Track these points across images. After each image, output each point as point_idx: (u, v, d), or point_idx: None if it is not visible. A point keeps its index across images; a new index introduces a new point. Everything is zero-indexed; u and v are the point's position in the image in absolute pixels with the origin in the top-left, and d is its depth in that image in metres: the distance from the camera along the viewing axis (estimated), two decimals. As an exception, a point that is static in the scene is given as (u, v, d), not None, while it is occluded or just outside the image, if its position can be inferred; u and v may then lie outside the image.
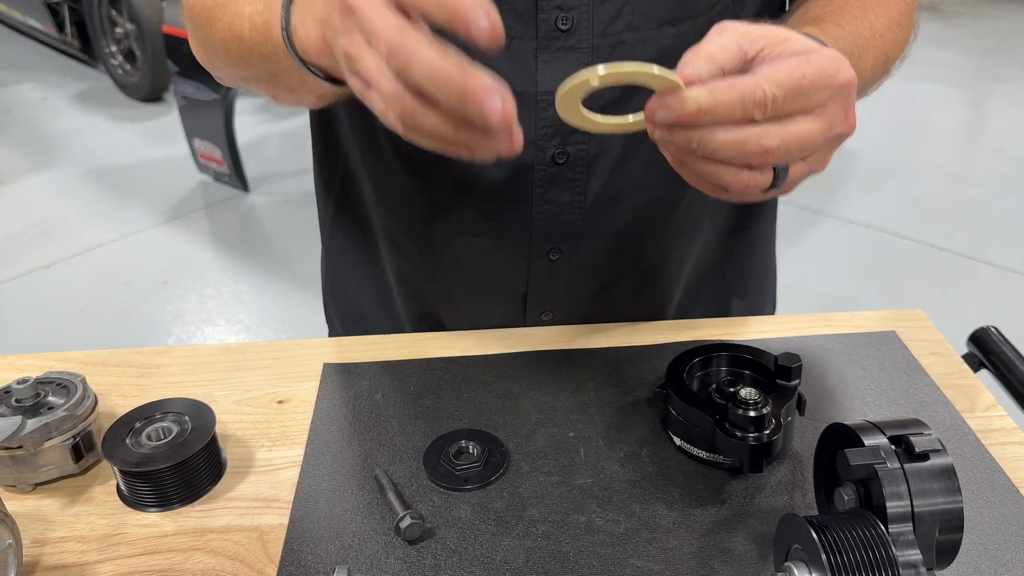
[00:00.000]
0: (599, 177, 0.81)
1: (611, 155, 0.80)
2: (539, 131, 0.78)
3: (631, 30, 0.75)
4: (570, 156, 0.79)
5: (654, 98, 0.56)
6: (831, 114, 0.57)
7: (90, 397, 0.74)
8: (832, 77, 0.56)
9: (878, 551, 0.53)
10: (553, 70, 0.75)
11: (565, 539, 0.65)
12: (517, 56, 0.75)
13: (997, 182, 3.68)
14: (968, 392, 0.79)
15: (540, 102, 0.77)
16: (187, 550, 0.65)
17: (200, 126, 3.52)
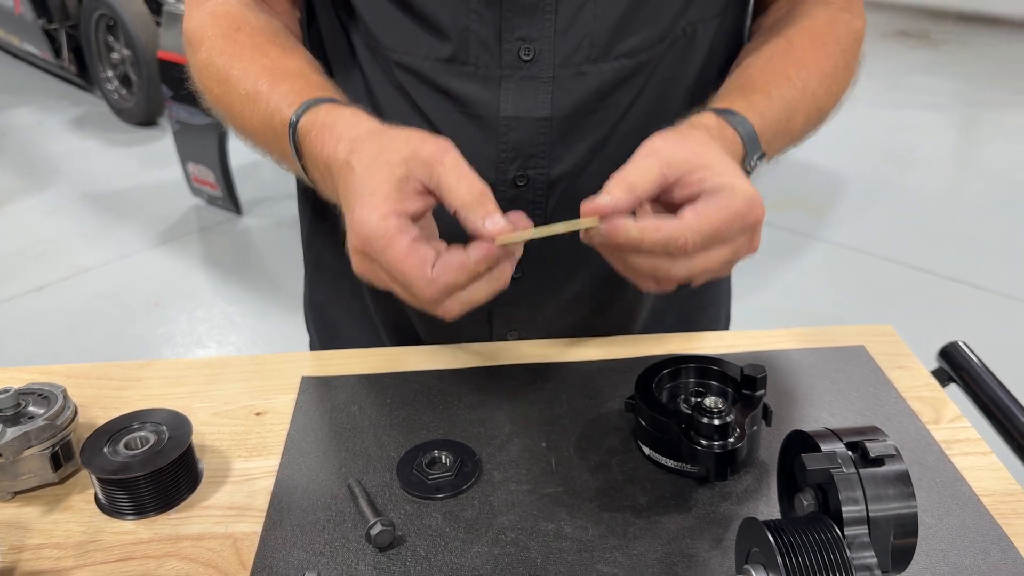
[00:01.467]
0: (557, 198, 0.83)
1: (569, 178, 0.82)
2: (500, 154, 0.80)
3: (589, 62, 0.78)
4: (530, 179, 0.82)
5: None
6: (738, 245, 0.67)
7: (70, 408, 0.75)
8: (745, 218, 0.65)
9: (833, 554, 0.54)
10: (516, 97, 0.78)
11: (533, 546, 0.66)
12: (482, 83, 0.78)
13: (986, 206, 3.71)
14: (934, 404, 0.81)
15: (502, 127, 0.79)
16: (161, 556, 0.66)
17: (194, 150, 3.55)
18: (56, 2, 4.96)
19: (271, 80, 0.74)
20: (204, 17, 0.81)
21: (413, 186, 0.62)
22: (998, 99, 4.98)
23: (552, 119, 0.79)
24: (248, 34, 0.78)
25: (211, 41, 0.79)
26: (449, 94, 0.79)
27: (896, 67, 5.54)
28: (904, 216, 3.61)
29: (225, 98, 0.78)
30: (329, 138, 0.68)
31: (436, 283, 0.61)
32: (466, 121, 0.80)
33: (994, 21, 6.63)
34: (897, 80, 5.25)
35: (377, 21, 0.79)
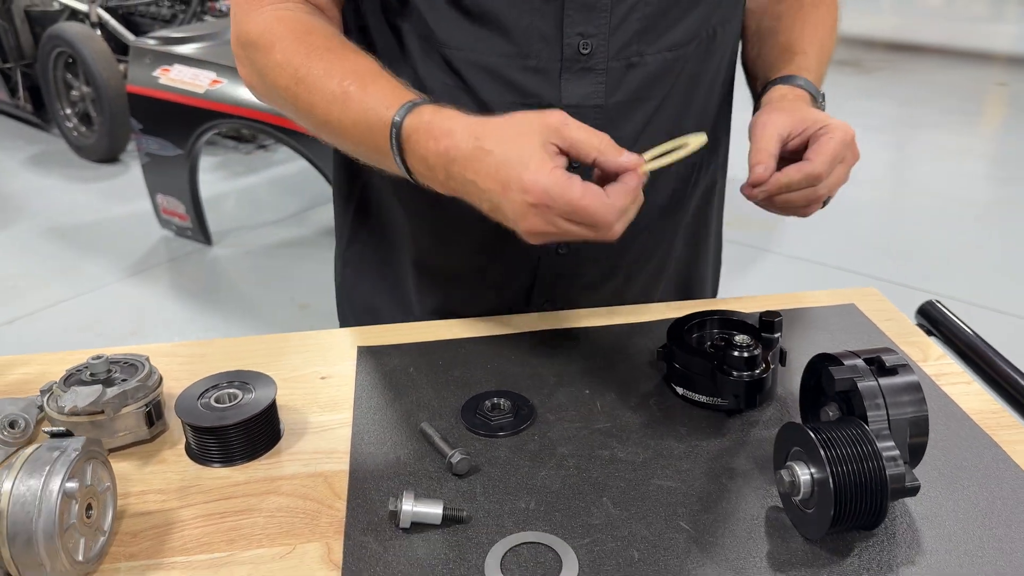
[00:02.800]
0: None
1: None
2: None
3: (638, 54, 0.89)
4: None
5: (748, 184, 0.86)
6: (848, 158, 0.88)
7: (156, 373, 0.82)
8: (845, 138, 0.86)
9: (865, 446, 0.64)
10: (574, 87, 0.89)
11: (593, 468, 0.75)
12: (543, 75, 0.88)
13: (924, 218, 3.94)
14: (921, 347, 0.92)
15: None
16: (261, 494, 0.74)
17: (163, 181, 3.58)
18: (12, 41, 4.96)
19: (359, 82, 0.81)
20: (269, 21, 0.88)
21: (552, 149, 0.74)
22: (929, 120, 5.27)
23: (605, 107, 0.90)
24: (321, 37, 0.85)
25: (284, 42, 0.84)
26: (512, 86, 0.89)
27: (835, 93, 5.81)
28: (849, 229, 3.81)
29: (306, 97, 0.83)
30: (441, 134, 0.76)
31: (614, 207, 0.73)
32: (526, 109, 0.89)
33: (921, 49, 7.02)
34: (837, 105, 5.50)
35: (438, 21, 0.88)
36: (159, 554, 0.67)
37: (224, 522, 0.70)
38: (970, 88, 5.96)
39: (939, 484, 0.72)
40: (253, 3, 0.89)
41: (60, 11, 4.89)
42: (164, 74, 3.37)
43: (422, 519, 0.68)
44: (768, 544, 0.66)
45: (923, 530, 0.67)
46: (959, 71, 6.36)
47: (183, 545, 0.68)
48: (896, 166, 4.78)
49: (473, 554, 0.66)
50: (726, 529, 0.67)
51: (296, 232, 3.85)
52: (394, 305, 1.09)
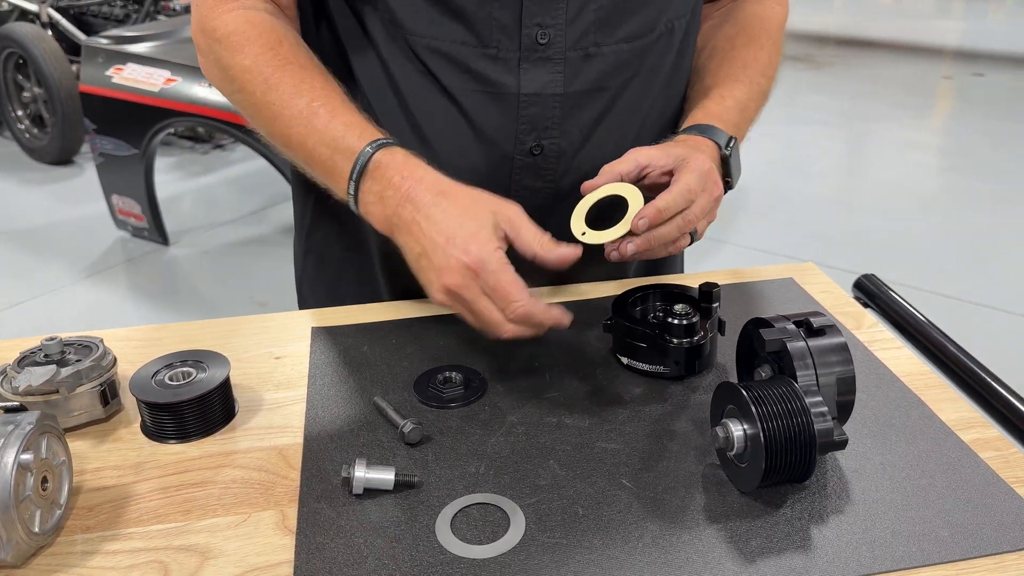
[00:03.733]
0: (565, 166, 0.97)
1: (574, 149, 0.96)
2: (519, 127, 0.94)
3: (595, 45, 0.92)
4: (544, 149, 0.95)
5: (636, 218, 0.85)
6: (712, 188, 0.87)
7: (110, 354, 0.83)
8: (706, 172, 0.87)
9: (794, 402, 0.68)
10: (533, 75, 0.92)
11: (541, 435, 0.77)
12: (503, 64, 0.91)
13: (874, 208, 4.03)
14: (855, 316, 0.96)
15: (522, 103, 0.93)
16: (216, 467, 0.75)
17: (118, 182, 3.55)
18: (-42, 43, 4.86)
19: (328, 105, 0.86)
20: (239, 21, 0.90)
21: (500, 232, 0.79)
22: (878, 113, 5.40)
23: (563, 95, 0.93)
24: (292, 50, 0.89)
25: (255, 48, 0.88)
26: (473, 74, 0.92)
27: (786, 88, 5.94)
28: (800, 220, 3.90)
29: (272, 108, 0.88)
30: (410, 175, 0.82)
31: (524, 307, 0.77)
32: (488, 98, 0.93)
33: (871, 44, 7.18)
34: (788, 100, 5.63)
35: (402, 7, 0.90)
36: (115, 526, 0.69)
37: (179, 494, 0.72)
38: (918, 82, 6.11)
39: (868, 440, 0.76)
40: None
41: (9, 11, 4.82)
42: (117, 73, 3.34)
43: (375, 485, 0.70)
44: (705, 498, 0.69)
45: (852, 482, 0.71)
46: (907, 65, 6.52)
47: (139, 517, 0.70)
48: (846, 159, 4.89)
49: (425, 516, 0.68)
50: (666, 485, 0.71)
51: (254, 231, 3.84)
52: (360, 291, 1.10)
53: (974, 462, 0.73)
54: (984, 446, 0.75)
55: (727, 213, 3.96)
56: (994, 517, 0.67)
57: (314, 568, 0.63)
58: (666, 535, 0.65)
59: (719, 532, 0.66)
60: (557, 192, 0.97)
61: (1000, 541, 0.65)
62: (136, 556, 0.65)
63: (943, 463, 0.73)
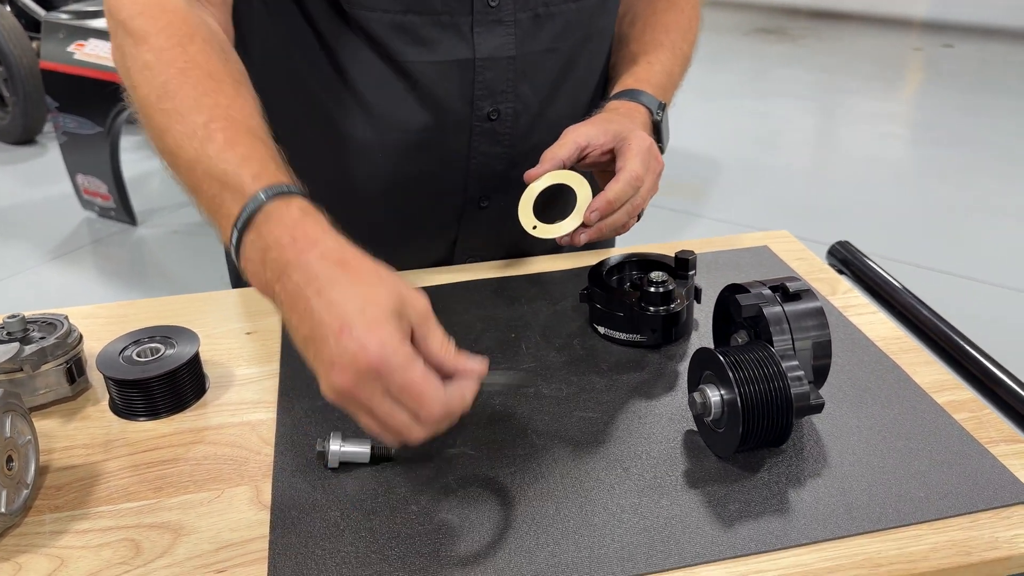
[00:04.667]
0: (522, 129, 0.96)
1: (530, 112, 0.96)
2: (476, 92, 0.92)
3: (544, 6, 0.91)
4: (501, 113, 0.94)
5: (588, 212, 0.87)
6: (654, 165, 0.89)
7: (76, 331, 0.81)
8: (647, 149, 0.88)
9: (770, 367, 0.67)
10: (485, 39, 0.90)
11: (519, 405, 0.77)
12: (456, 29, 0.89)
13: (847, 180, 4.06)
14: (830, 283, 0.97)
15: (478, 67, 0.91)
16: (187, 444, 0.74)
17: (83, 161, 3.47)
18: (-87, 20, 4.72)
19: (229, 130, 0.71)
20: (149, 5, 0.77)
21: (406, 325, 0.62)
22: (851, 86, 5.42)
23: (517, 58, 0.92)
24: (201, 49, 0.75)
25: (160, 40, 0.75)
26: (426, 43, 0.90)
27: (758, 61, 5.95)
28: (773, 193, 3.91)
29: (164, 117, 0.73)
30: (303, 238, 0.65)
31: (445, 406, 0.61)
32: (442, 67, 0.91)
33: (843, 16, 7.19)
34: (760, 73, 5.64)
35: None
36: (84, 505, 0.67)
37: (150, 472, 0.70)
38: (888, 54, 6.14)
39: (844, 404, 0.76)
40: None
41: (-35, -13, 4.67)
42: (79, 49, 3.26)
43: (350, 458, 0.69)
44: (684, 464, 0.69)
45: (829, 445, 0.71)
46: (878, 37, 6.55)
47: (109, 496, 0.68)
48: (818, 131, 4.91)
49: (403, 488, 0.67)
50: (644, 452, 0.70)
51: (225, 210, 3.78)
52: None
53: (948, 424, 0.73)
54: (958, 408, 0.76)
55: (701, 187, 3.97)
56: (968, 477, 0.67)
57: (290, 542, 0.62)
58: (645, 501, 0.65)
59: (697, 497, 0.66)
60: (513, 157, 0.97)
61: (974, 500, 0.65)
62: (107, 534, 0.64)
63: (918, 425, 0.73)
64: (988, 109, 4.94)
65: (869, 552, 0.61)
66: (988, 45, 6.28)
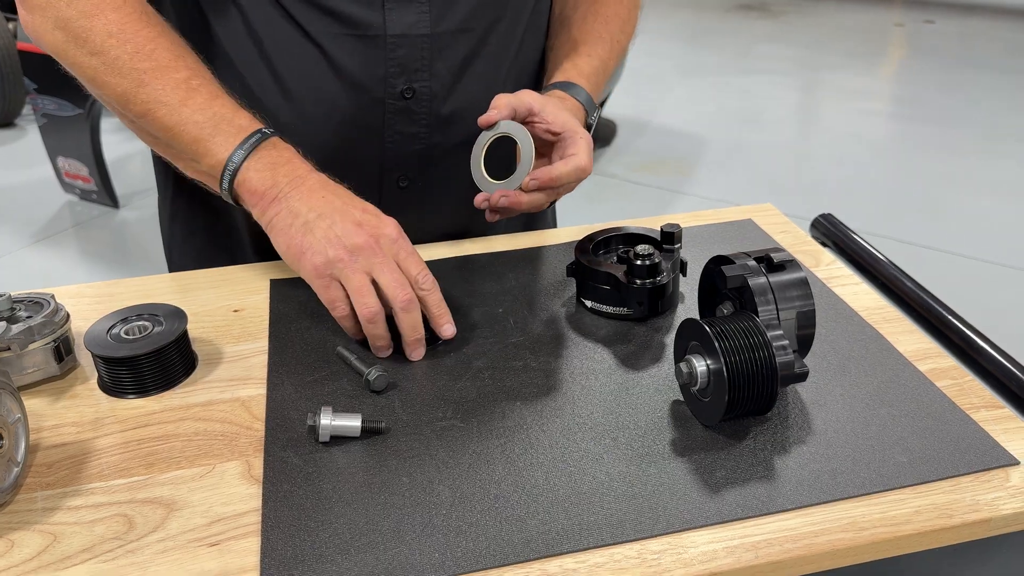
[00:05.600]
0: (438, 109, 0.96)
1: (445, 91, 0.95)
2: (389, 70, 0.92)
3: None
4: (416, 92, 0.94)
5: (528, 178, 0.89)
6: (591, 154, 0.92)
7: (63, 310, 0.81)
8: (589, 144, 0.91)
9: (756, 337, 0.68)
10: (398, 15, 0.91)
11: (507, 378, 0.77)
12: (367, 5, 0.89)
13: (827, 156, 4.08)
14: (813, 255, 0.97)
15: (390, 45, 0.91)
16: (178, 420, 0.74)
17: (64, 144, 3.44)
18: None
19: (210, 87, 0.85)
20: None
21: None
22: (833, 62, 5.43)
23: (431, 36, 0.92)
24: (159, 23, 0.86)
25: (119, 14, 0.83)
26: (337, 16, 0.90)
27: (741, 39, 5.94)
28: (757, 169, 3.92)
29: (139, 74, 0.83)
30: (310, 165, 0.85)
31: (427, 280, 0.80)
32: (355, 42, 0.91)
33: (824, -7, 7.19)
34: (743, 50, 5.64)
35: None
36: (76, 482, 0.67)
37: (141, 448, 0.71)
38: (870, 30, 6.15)
39: (828, 372, 0.77)
40: None
41: (-63, -33, 4.59)
42: (56, 30, 3.22)
43: (341, 432, 0.70)
44: (670, 433, 0.70)
45: (813, 413, 0.72)
46: (860, 13, 6.55)
47: (100, 472, 0.68)
48: (801, 107, 4.93)
49: (394, 460, 0.68)
50: (632, 422, 0.71)
51: (208, 192, 3.76)
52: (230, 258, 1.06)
53: (931, 391, 0.75)
54: (940, 375, 0.77)
55: (684, 165, 3.98)
56: (950, 442, 0.69)
57: (281, 515, 0.63)
58: (632, 470, 0.66)
59: (684, 465, 0.67)
60: (430, 137, 0.97)
61: (956, 464, 0.67)
62: (99, 510, 0.64)
63: (901, 393, 0.74)
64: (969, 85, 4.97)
65: (853, 516, 0.62)
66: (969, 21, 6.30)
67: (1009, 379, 0.78)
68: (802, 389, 0.74)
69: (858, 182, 3.77)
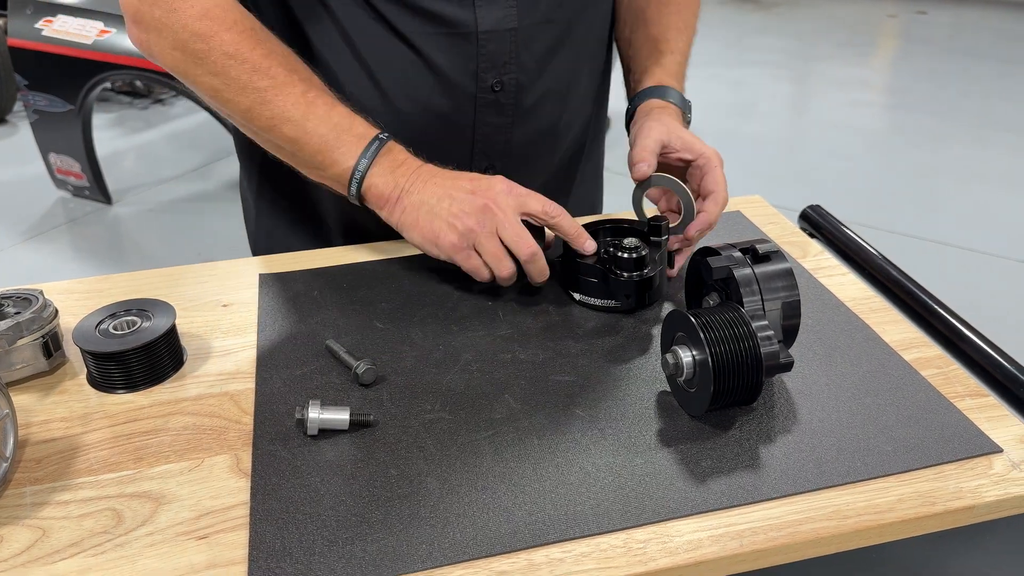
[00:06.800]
0: (526, 100, 0.98)
1: (530, 82, 0.97)
2: (481, 64, 0.94)
3: None
4: (504, 84, 0.96)
5: (691, 229, 0.90)
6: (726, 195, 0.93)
7: (51, 306, 0.81)
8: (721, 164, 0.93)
9: (741, 327, 0.69)
10: (488, 12, 0.92)
11: (496, 370, 0.78)
12: (458, 3, 0.91)
13: (821, 147, 4.08)
14: (801, 246, 0.98)
15: (481, 40, 0.93)
16: (167, 415, 0.74)
17: (55, 140, 3.43)
18: None
19: (325, 97, 0.89)
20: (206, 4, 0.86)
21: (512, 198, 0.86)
22: (824, 53, 5.43)
23: (518, 29, 0.93)
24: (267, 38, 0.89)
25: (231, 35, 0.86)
26: (429, 16, 0.91)
27: (732, 31, 5.94)
28: (749, 161, 3.93)
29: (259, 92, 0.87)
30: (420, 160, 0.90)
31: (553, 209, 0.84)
32: (447, 40, 0.92)
33: (816, -16, 7.18)
34: (735, 42, 5.64)
35: None
36: (65, 476, 0.68)
37: (130, 443, 0.71)
38: (863, 21, 6.15)
39: (814, 362, 0.77)
40: None
41: (-74, -37, 4.56)
42: (47, 25, 3.21)
43: (329, 425, 0.70)
44: (657, 423, 0.70)
45: (799, 403, 0.73)
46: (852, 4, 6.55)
47: (89, 467, 0.68)
48: (793, 99, 4.93)
49: (382, 453, 0.68)
50: (619, 413, 0.72)
51: (199, 187, 3.75)
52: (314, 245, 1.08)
53: (916, 380, 0.75)
54: (926, 364, 0.77)
55: (678, 156, 3.97)
56: (934, 431, 0.69)
57: (270, 508, 0.63)
58: (619, 460, 0.67)
59: (671, 455, 0.67)
60: (515, 126, 0.99)
61: (940, 452, 0.67)
62: (88, 505, 0.65)
63: (886, 382, 0.75)
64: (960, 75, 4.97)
65: (838, 504, 0.63)
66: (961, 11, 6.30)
67: (994, 368, 0.79)
68: (788, 379, 0.75)
69: (850, 173, 3.78)
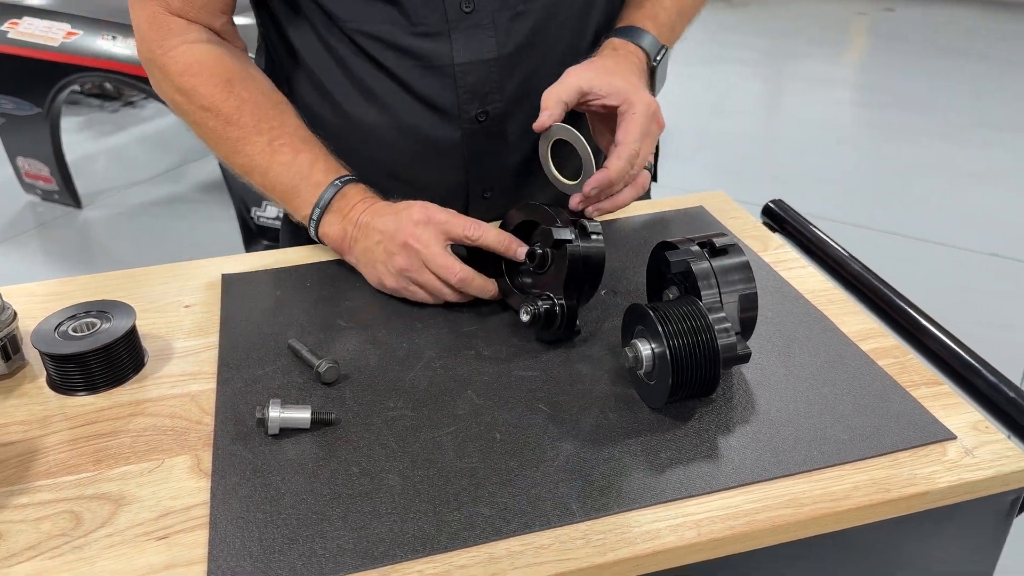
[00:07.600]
0: (515, 128, 0.97)
1: (515, 108, 0.96)
2: (461, 96, 0.94)
3: (522, 3, 0.92)
4: (489, 114, 0.95)
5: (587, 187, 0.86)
6: (655, 130, 0.89)
7: (9, 308, 0.80)
8: (652, 115, 0.88)
9: (698, 320, 0.69)
10: (465, 44, 0.91)
11: (459, 367, 0.78)
12: (433, 38, 0.91)
13: (792, 143, 4.12)
14: (762, 239, 0.99)
15: (459, 73, 0.92)
16: (127, 417, 0.74)
17: (23, 143, 3.39)
18: None
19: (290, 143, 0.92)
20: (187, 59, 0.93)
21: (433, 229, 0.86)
22: (796, 51, 5.48)
23: (498, 59, 0.93)
24: (243, 87, 0.93)
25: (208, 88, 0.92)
26: (407, 51, 0.92)
27: (705, 29, 5.97)
28: (722, 158, 3.96)
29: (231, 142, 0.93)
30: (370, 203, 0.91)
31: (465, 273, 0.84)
32: (426, 72, 0.93)
33: (787, -18, 7.24)
34: (708, 40, 5.67)
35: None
36: (23, 480, 0.67)
37: (90, 445, 0.70)
38: (833, 18, 6.21)
39: (773, 353, 0.78)
40: (162, 30, 0.93)
41: None
42: (13, 28, 3.17)
43: (291, 424, 0.70)
44: (618, 416, 0.71)
45: (758, 394, 0.73)
46: (823, 2, 6.61)
47: (48, 470, 0.68)
48: (766, 97, 4.97)
49: (344, 450, 0.68)
50: (580, 407, 0.72)
51: (171, 189, 3.72)
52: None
53: (872, 369, 0.76)
54: (882, 354, 0.79)
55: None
56: (890, 419, 0.70)
57: (230, 508, 0.63)
58: (580, 453, 0.67)
59: (631, 447, 0.68)
60: (508, 153, 0.99)
61: (895, 440, 0.68)
62: (46, 508, 0.64)
63: (843, 372, 0.76)
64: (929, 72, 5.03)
65: (794, 492, 0.64)
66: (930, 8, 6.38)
67: (949, 355, 0.80)
68: (747, 370, 0.76)
69: (822, 169, 3.81)
